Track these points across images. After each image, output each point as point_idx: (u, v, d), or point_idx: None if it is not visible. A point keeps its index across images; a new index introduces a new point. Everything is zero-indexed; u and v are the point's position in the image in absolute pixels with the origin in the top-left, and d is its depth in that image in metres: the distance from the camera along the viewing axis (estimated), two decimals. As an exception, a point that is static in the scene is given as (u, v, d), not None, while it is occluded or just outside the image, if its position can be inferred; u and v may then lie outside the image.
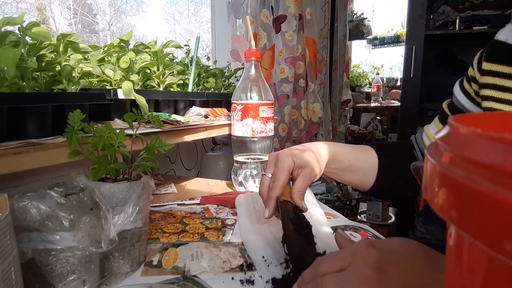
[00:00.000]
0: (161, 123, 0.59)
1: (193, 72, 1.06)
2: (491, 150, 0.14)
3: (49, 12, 1.29)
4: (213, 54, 1.80)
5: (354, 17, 3.03)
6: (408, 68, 1.72)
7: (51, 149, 0.53)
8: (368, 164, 0.67)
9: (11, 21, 0.56)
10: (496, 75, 0.55)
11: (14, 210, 0.36)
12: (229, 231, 0.63)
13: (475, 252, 0.16)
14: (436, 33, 1.75)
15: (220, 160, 1.28)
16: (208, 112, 1.00)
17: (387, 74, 3.26)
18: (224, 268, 0.49)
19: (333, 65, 2.10)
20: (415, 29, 1.70)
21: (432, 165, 0.17)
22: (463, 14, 1.79)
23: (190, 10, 1.89)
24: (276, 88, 1.61)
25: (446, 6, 1.85)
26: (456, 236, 0.18)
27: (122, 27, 1.58)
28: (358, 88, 3.14)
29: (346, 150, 0.65)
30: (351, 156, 0.65)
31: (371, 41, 3.28)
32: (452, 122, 0.18)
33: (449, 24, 1.82)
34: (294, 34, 1.58)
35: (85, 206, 0.41)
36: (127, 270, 0.47)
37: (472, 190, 0.14)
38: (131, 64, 0.85)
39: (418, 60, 1.70)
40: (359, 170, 0.66)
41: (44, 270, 0.39)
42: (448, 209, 0.16)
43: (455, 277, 0.19)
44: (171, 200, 0.81)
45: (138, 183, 0.48)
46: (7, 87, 0.55)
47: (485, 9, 1.76)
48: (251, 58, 0.87)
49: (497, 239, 0.13)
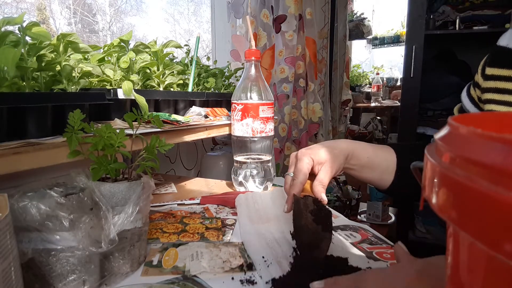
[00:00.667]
0: (161, 123, 0.59)
1: (193, 72, 1.06)
2: (491, 150, 0.14)
3: (49, 12, 1.29)
4: (213, 54, 1.80)
5: (354, 17, 3.03)
6: (408, 68, 1.72)
7: (51, 149, 0.53)
8: (388, 162, 0.68)
9: (11, 21, 0.56)
10: (498, 79, 0.57)
11: (14, 210, 0.36)
12: (229, 231, 0.63)
13: (475, 252, 0.16)
14: (436, 33, 1.75)
15: (220, 160, 1.28)
16: (208, 112, 1.00)
17: (387, 74, 3.26)
18: (224, 268, 0.49)
19: (333, 65, 2.10)
20: (415, 29, 1.70)
21: (432, 165, 0.17)
22: (463, 14, 1.79)
23: (190, 10, 1.89)
24: (276, 88, 1.61)
25: (446, 6, 1.85)
26: (456, 236, 0.18)
27: (122, 27, 1.58)
28: (358, 88, 3.14)
29: (365, 147, 0.67)
30: (370, 153, 0.66)
31: (371, 41, 3.28)
32: (452, 122, 0.18)
33: (449, 24, 1.82)
34: (294, 34, 1.58)
35: (85, 206, 0.41)
36: (127, 270, 0.47)
37: (472, 190, 0.14)
38: (131, 64, 0.85)
39: (418, 60, 1.70)
40: (377, 167, 0.67)
41: (44, 270, 0.39)
42: (448, 209, 0.16)
43: (455, 277, 0.19)
44: (171, 200, 0.81)
45: (138, 183, 0.48)
46: (7, 87, 0.55)
47: (485, 9, 1.76)
48: (251, 58, 0.87)
49: (497, 239, 0.13)
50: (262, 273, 0.47)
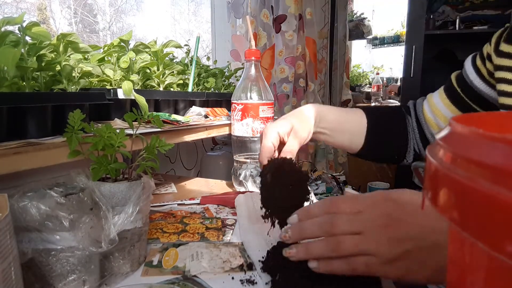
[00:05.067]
0: (161, 123, 0.59)
1: (193, 72, 1.06)
2: (492, 150, 0.14)
3: (49, 12, 1.29)
4: (213, 54, 1.80)
5: (354, 17, 3.03)
6: (408, 68, 1.72)
7: (51, 149, 0.53)
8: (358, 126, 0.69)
9: (11, 21, 0.56)
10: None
11: (14, 210, 0.36)
12: (229, 231, 0.63)
13: (476, 252, 0.16)
14: (436, 33, 1.75)
15: (220, 160, 1.28)
16: (208, 112, 1.00)
17: (387, 74, 3.26)
18: (224, 268, 0.49)
19: (333, 65, 2.10)
20: (415, 29, 1.70)
21: (433, 165, 0.17)
22: (463, 14, 1.79)
23: (190, 10, 1.89)
24: (276, 88, 1.61)
25: (446, 6, 1.85)
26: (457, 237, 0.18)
27: (122, 27, 1.58)
28: (358, 88, 3.14)
29: (334, 110, 0.68)
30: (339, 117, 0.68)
31: (371, 41, 3.29)
32: (454, 122, 0.18)
33: (449, 24, 1.82)
34: (294, 34, 1.58)
35: (85, 206, 0.41)
36: (127, 270, 0.47)
37: (473, 190, 0.14)
38: (131, 64, 0.85)
39: (418, 60, 1.70)
40: (348, 130, 0.68)
41: (44, 270, 0.39)
42: (449, 209, 0.16)
43: (456, 277, 0.19)
44: (171, 200, 0.81)
45: (138, 183, 0.47)
46: (7, 87, 0.55)
47: (485, 9, 1.76)
48: (251, 58, 0.87)
49: (498, 239, 0.13)
50: (262, 274, 0.47)
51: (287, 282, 0.43)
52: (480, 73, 0.62)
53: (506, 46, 0.55)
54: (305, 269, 0.43)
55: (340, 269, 0.37)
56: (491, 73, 0.59)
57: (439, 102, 0.69)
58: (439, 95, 0.70)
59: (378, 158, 0.76)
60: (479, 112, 0.60)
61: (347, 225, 0.36)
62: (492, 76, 0.59)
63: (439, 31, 1.77)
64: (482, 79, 0.62)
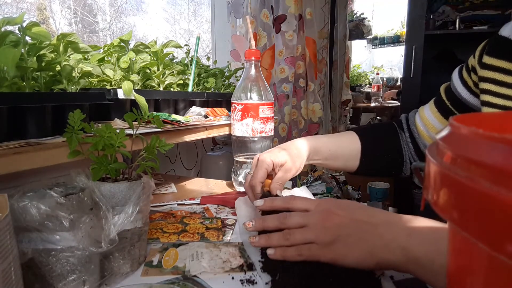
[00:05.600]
0: (161, 123, 0.59)
1: (193, 72, 1.06)
2: (492, 151, 0.14)
3: (49, 12, 1.29)
4: (213, 54, 1.80)
5: (354, 17, 3.03)
6: (408, 68, 1.72)
7: (51, 149, 0.53)
8: (351, 151, 0.73)
9: (11, 21, 0.56)
10: (496, 70, 0.56)
11: (14, 210, 0.36)
12: (229, 231, 0.63)
13: (476, 252, 0.16)
14: (436, 33, 1.75)
15: (220, 160, 1.28)
16: (208, 112, 1.00)
17: (387, 74, 3.26)
18: (224, 268, 0.49)
19: (333, 65, 2.10)
20: (415, 29, 1.70)
21: (433, 166, 0.17)
22: (463, 14, 1.79)
23: (190, 10, 1.89)
24: (276, 88, 1.61)
25: (446, 6, 1.85)
26: (457, 237, 0.18)
27: (122, 27, 1.58)
28: (358, 88, 3.14)
29: (326, 141, 0.72)
30: (331, 146, 0.72)
31: (371, 41, 3.29)
32: (454, 122, 0.18)
33: (449, 24, 1.82)
34: (294, 34, 1.58)
35: (85, 206, 0.41)
36: (127, 270, 0.47)
37: (473, 190, 0.14)
38: (131, 64, 0.85)
39: (418, 60, 1.70)
40: (341, 157, 0.73)
41: (44, 270, 0.39)
42: (449, 209, 0.16)
43: (456, 277, 0.19)
44: (171, 200, 0.81)
45: (138, 183, 0.47)
46: (7, 87, 0.55)
47: (485, 9, 1.76)
48: (251, 58, 0.87)
49: (498, 239, 0.13)
50: (262, 274, 0.47)
51: (287, 282, 0.43)
52: (467, 85, 0.64)
53: (488, 59, 0.57)
54: (305, 269, 0.43)
55: (291, 254, 0.46)
56: (477, 84, 0.61)
57: (430, 115, 0.71)
58: (430, 108, 0.71)
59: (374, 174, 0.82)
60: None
61: (296, 220, 0.47)
62: (478, 87, 0.60)
63: (439, 31, 1.77)
64: (469, 90, 0.64)
